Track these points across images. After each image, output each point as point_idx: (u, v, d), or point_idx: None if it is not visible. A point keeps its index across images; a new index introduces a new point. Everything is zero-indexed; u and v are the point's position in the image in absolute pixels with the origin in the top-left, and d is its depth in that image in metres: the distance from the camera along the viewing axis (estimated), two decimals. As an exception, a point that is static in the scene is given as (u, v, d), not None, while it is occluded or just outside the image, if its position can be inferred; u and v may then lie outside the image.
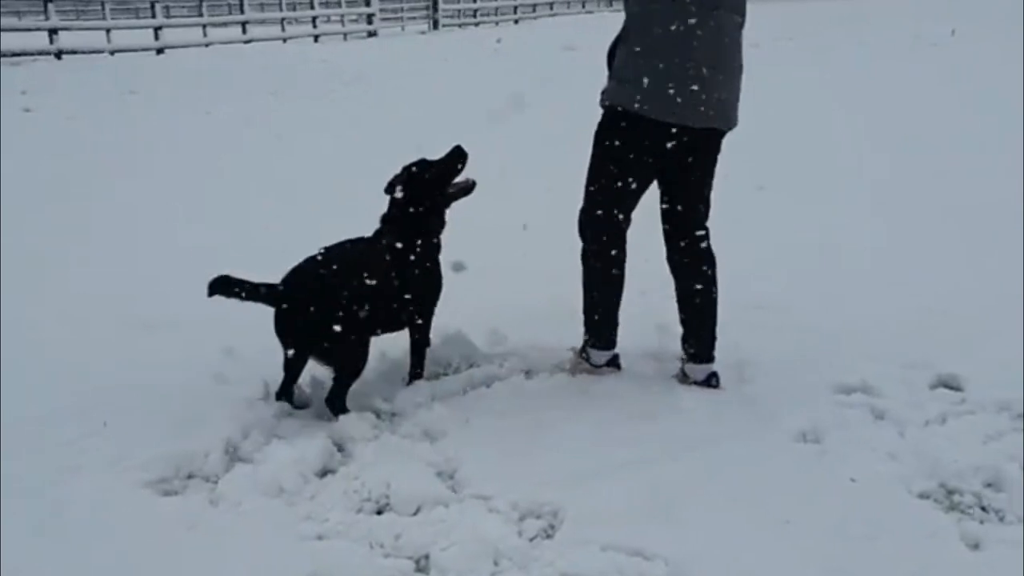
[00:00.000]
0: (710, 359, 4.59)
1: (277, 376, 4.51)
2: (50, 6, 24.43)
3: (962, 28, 23.88)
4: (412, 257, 4.51)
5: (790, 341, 4.99)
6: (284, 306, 4.27)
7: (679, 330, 4.65)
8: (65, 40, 24.87)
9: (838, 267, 6.24)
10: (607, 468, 3.85)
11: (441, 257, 4.69)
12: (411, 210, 4.56)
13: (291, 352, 4.38)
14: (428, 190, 4.56)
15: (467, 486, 3.78)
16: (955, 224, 7.28)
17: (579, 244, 4.57)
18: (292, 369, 4.47)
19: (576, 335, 4.80)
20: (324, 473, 3.96)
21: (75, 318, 5.46)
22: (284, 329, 4.31)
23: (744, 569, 3.24)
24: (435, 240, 4.64)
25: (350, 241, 4.54)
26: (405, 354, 4.89)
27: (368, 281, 4.35)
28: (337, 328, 4.24)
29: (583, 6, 47.88)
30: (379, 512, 3.66)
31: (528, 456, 3.96)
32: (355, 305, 4.30)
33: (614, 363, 4.79)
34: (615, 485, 3.72)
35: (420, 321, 4.69)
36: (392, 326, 4.64)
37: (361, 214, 4.65)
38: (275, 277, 4.30)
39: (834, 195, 8.12)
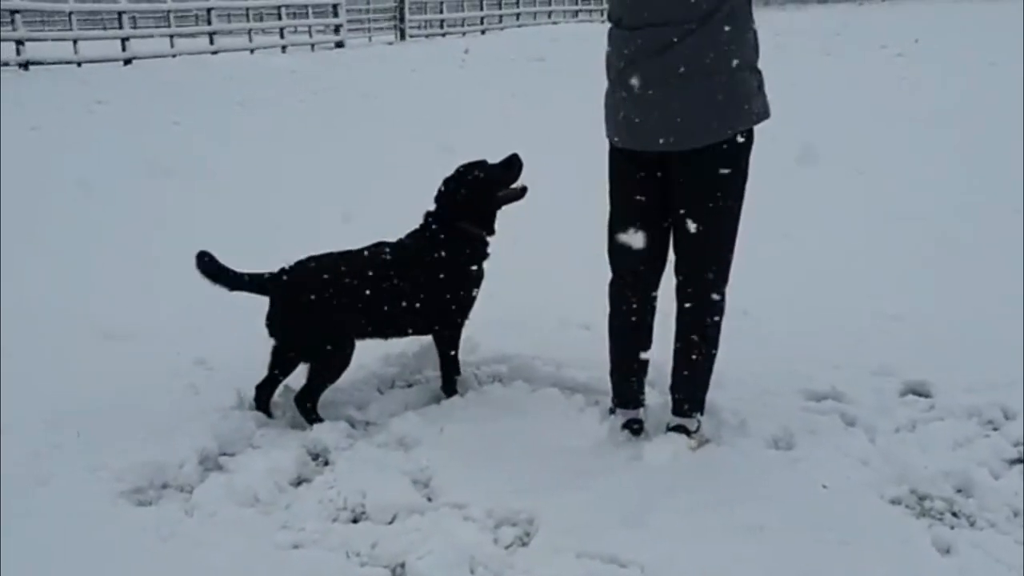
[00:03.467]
0: (681, 413, 4.23)
1: (251, 386, 4.52)
2: (17, 17, 24.26)
3: (924, 37, 24.12)
4: (442, 259, 4.51)
5: (760, 349, 5.02)
6: (275, 296, 4.37)
7: None
8: (32, 51, 24.69)
9: (806, 275, 6.28)
10: (580, 475, 3.88)
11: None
12: (458, 210, 4.55)
13: (277, 347, 4.42)
14: (478, 192, 4.55)
15: (442, 494, 3.80)
16: (922, 231, 7.34)
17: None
18: (275, 370, 4.48)
19: (543, 343, 4.83)
20: (299, 482, 3.98)
21: (46, 329, 5.43)
22: (271, 320, 4.39)
23: (718, 575, 3.27)
24: (479, 244, 4.61)
25: (375, 244, 4.59)
26: (381, 363, 4.90)
27: (364, 284, 4.40)
28: (320, 327, 4.34)
29: (549, 17, 47.82)
30: (355, 521, 3.68)
31: (502, 464, 3.97)
32: (344, 306, 4.37)
33: (632, 427, 4.30)
34: (588, 492, 3.75)
35: (440, 327, 4.67)
36: (403, 331, 4.69)
37: (331, 226, 4.64)
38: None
39: (801, 204, 8.17)
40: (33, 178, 9.76)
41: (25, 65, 23.88)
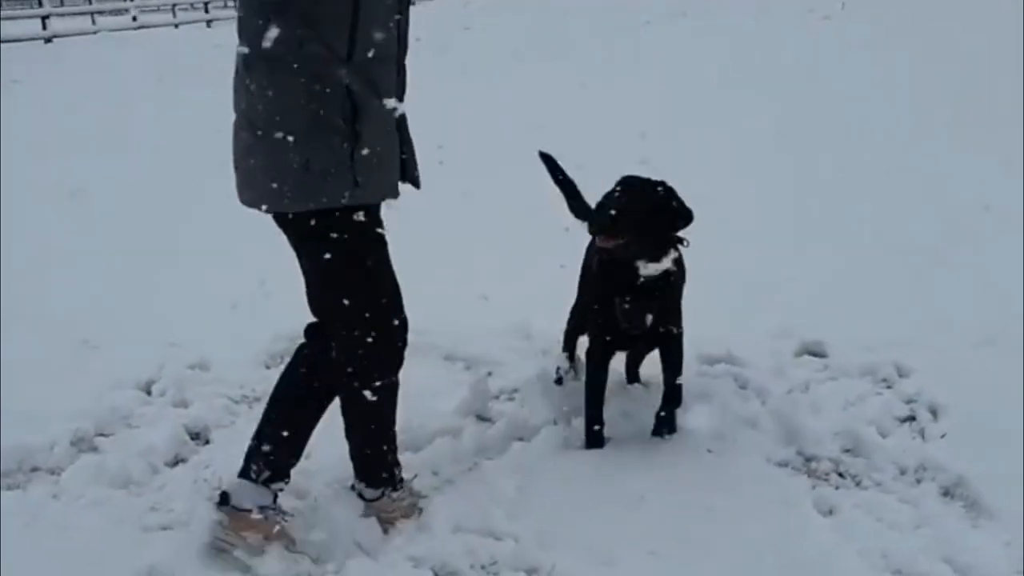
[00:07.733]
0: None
1: (135, 365, 4.48)
2: (-69, -4, 23.84)
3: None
4: None
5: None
6: None
7: None
8: (-52, 30, 24.27)
9: (701, 238, 6.21)
10: (459, 448, 3.86)
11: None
12: None
13: None
14: None
15: (323, 471, 3.67)
16: (820, 192, 7.35)
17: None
18: None
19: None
20: (176, 462, 3.87)
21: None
22: None
23: (596, 545, 3.21)
24: None
25: None
26: (270, 340, 4.75)
27: None
28: None
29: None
30: (228, 500, 3.56)
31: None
32: None
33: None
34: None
35: None
36: None
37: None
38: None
39: (705, 169, 8.07)
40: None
41: (-60, 44, 23.44)
